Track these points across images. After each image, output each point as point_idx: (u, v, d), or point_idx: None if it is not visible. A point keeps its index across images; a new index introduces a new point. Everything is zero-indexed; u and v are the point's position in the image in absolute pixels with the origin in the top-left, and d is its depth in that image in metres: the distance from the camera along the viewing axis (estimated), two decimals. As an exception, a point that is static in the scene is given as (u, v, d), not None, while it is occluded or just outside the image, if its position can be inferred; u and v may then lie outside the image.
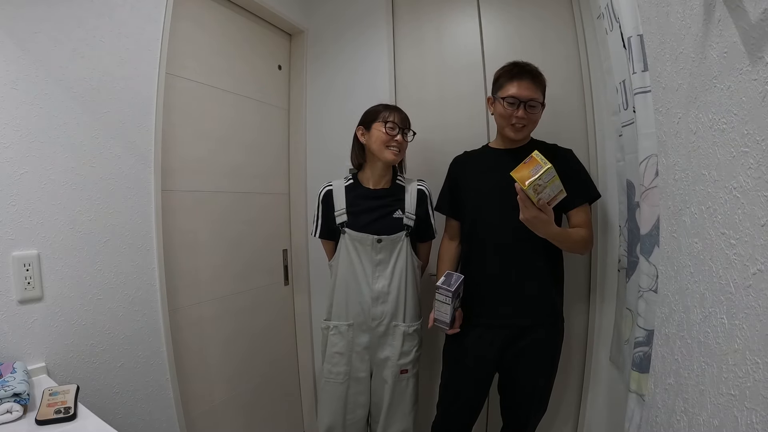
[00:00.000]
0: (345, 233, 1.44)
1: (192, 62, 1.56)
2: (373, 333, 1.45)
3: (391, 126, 1.43)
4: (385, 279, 1.44)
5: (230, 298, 1.72)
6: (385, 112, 1.46)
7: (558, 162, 1.33)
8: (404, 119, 1.48)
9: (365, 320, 1.45)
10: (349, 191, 1.49)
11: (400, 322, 1.45)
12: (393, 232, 1.44)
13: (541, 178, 1.11)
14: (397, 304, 1.45)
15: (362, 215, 1.45)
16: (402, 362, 1.45)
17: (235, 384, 1.72)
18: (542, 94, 1.36)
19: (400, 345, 1.45)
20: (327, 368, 1.47)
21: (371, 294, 1.44)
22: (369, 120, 1.48)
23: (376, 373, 1.48)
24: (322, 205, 1.51)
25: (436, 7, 1.88)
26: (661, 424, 0.77)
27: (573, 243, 1.32)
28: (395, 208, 1.47)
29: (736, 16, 0.52)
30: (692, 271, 0.67)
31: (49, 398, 0.89)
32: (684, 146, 0.69)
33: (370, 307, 1.44)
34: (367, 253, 1.44)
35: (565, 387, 1.71)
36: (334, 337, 1.46)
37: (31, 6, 1.05)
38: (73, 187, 1.14)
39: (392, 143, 1.43)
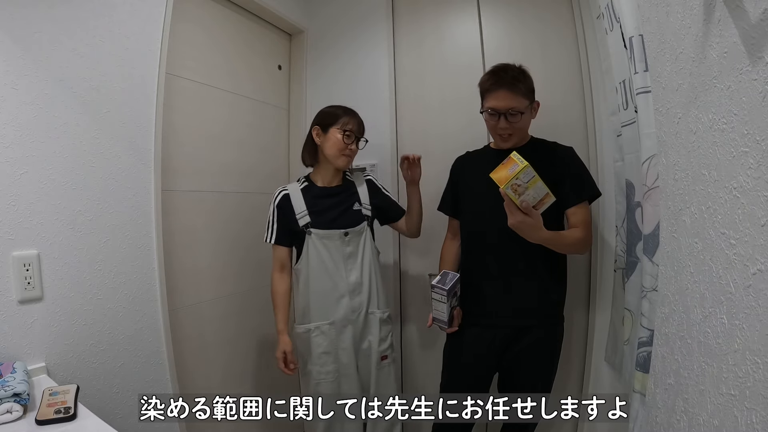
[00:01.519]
0: (311, 234, 1.43)
1: (192, 62, 1.56)
2: (355, 325, 1.46)
3: (349, 134, 1.44)
4: (357, 270, 1.47)
5: (230, 298, 1.72)
6: (345, 118, 1.46)
7: (557, 160, 1.33)
8: (361, 127, 1.49)
9: (346, 314, 1.45)
10: (306, 193, 1.48)
11: (375, 309, 1.50)
12: (356, 224, 1.48)
13: (518, 178, 1.10)
14: (370, 293, 1.49)
15: (324, 213, 1.45)
16: (381, 348, 1.49)
17: (236, 384, 1.72)
18: (525, 97, 1.31)
19: (378, 332, 1.49)
20: (316, 370, 1.45)
21: (348, 287, 1.45)
22: (327, 123, 1.47)
23: (360, 364, 1.49)
24: (278, 210, 1.47)
25: (436, 8, 1.88)
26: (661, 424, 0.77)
27: (568, 246, 1.31)
28: (353, 201, 1.50)
29: (736, 16, 0.52)
30: (692, 271, 0.67)
31: (49, 398, 0.89)
32: (684, 146, 0.69)
33: (349, 301, 1.45)
34: (337, 248, 1.45)
35: (565, 387, 1.71)
36: (318, 338, 1.45)
37: (31, 6, 1.05)
38: (73, 187, 1.14)
39: (347, 151, 1.45)
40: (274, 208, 1.47)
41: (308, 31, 2.09)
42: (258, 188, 1.88)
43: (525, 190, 1.13)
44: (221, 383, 1.66)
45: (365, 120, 1.60)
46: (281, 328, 1.47)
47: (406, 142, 1.91)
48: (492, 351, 1.38)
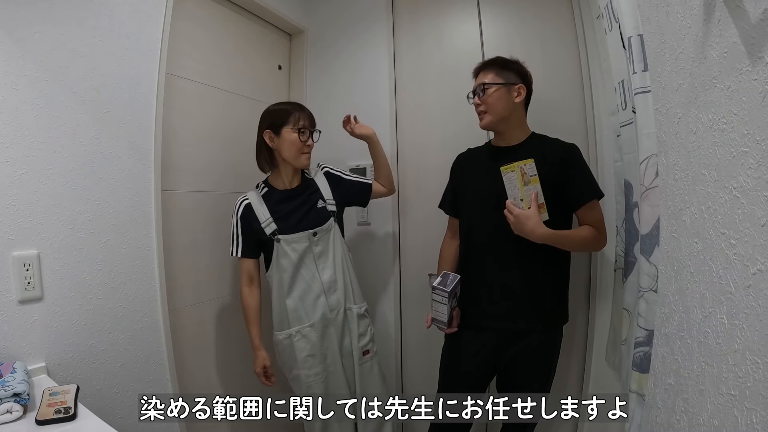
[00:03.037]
0: (279, 240, 1.41)
1: (192, 62, 1.56)
2: (334, 324, 1.45)
3: (303, 131, 1.41)
4: (330, 268, 1.45)
5: (230, 298, 1.72)
6: (295, 114, 1.41)
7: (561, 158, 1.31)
8: (312, 119, 1.46)
9: (325, 313, 1.44)
10: (267, 199, 1.44)
11: (352, 305, 1.49)
12: (323, 222, 1.45)
13: (526, 165, 1.18)
14: (345, 289, 1.48)
15: (289, 217, 1.42)
16: (362, 344, 1.49)
17: (236, 384, 1.72)
18: (499, 75, 1.34)
19: (357, 327, 1.49)
20: (304, 374, 1.42)
21: (323, 286, 1.44)
22: (278, 124, 1.41)
23: (345, 362, 1.48)
24: (241, 221, 1.42)
25: (436, 7, 1.88)
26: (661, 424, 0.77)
27: (577, 244, 1.30)
28: (315, 199, 1.48)
29: (736, 16, 0.52)
30: (692, 271, 0.67)
31: (49, 398, 0.89)
32: (684, 146, 0.69)
33: (326, 300, 1.44)
34: (306, 249, 1.42)
35: (565, 387, 1.71)
36: (300, 342, 1.42)
37: (31, 6, 1.05)
38: (73, 187, 1.14)
39: (305, 149, 1.42)
40: (237, 220, 1.42)
41: (308, 31, 2.09)
42: (258, 188, 1.87)
43: (529, 181, 1.19)
44: (221, 383, 1.66)
45: (365, 120, 1.60)
46: (257, 343, 1.45)
47: (406, 141, 1.91)
48: (486, 352, 1.37)
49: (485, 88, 1.33)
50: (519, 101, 1.35)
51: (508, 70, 1.35)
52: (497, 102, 1.34)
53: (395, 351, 1.92)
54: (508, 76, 1.34)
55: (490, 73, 1.35)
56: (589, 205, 1.30)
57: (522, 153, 1.31)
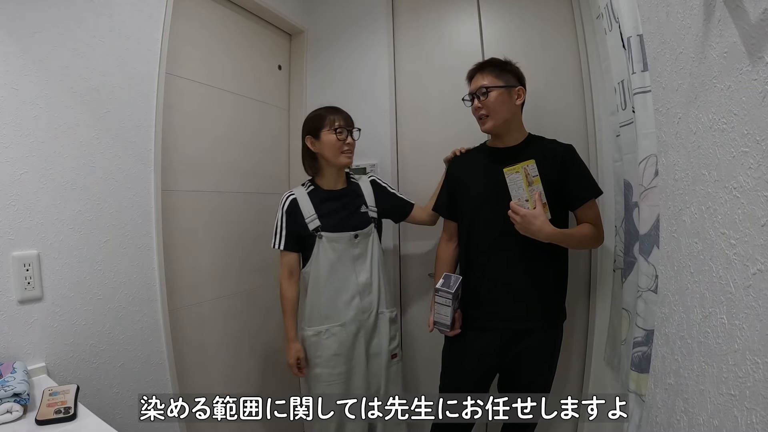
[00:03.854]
0: (321, 237, 1.44)
1: (192, 62, 1.56)
2: (365, 325, 1.48)
3: (340, 130, 1.45)
4: (367, 271, 1.49)
5: (230, 298, 1.72)
6: (330, 117, 1.46)
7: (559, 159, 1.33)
8: (349, 119, 1.50)
9: (357, 315, 1.46)
10: (313, 197, 1.48)
11: (384, 309, 1.52)
12: (364, 226, 1.49)
13: (528, 166, 1.20)
14: (379, 293, 1.51)
15: (333, 216, 1.46)
16: (392, 347, 1.53)
17: (235, 384, 1.72)
18: (497, 78, 1.34)
19: (388, 331, 1.51)
20: (326, 372, 1.45)
21: (358, 288, 1.47)
22: (315, 128, 1.47)
23: (370, 363, 1.50)
24: (286, 215, 1.46)
25: (436, 7, 1.88)
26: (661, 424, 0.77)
27: (579, 240, 1.33)
28: (359, 203, 1.52)
29: (736, 16, 0.52)
30: (692, 271, 0.67)
31: (49, 398, 0.89)
32: (684, 146, 0.69)
33: (359, 302, 1.47)
34: (346, 250, 1.46)
35: (565, 387, 1.71)
36: (329, 341, 1.44)
37: (31, 6, 1.05)
38: (73, 187, 1.14)
39: (345, 147, 1.46)
40: (283, 214, 1.47)
41: (308, 31, 2.09)
42: (258, 188, 1.88)
43: (533, 182, 1.21)
44: (221, 383, 1.66)
45: (365, 120, 1.61)
46: (292, 335, 1.48)
47: (406, 141, 1.91)
48: (491, 353, 1.37)
49: (487, 92, 1.33)
50: (519, 103, 1.36)
51: (507, 72, 1.35)
52: (500, 105, 1.34)
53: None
54: (507, 78, 1.35)
55: (488, 76, 1.35)
56: (588, 204, 1.33)
57: (521, 154, 1.32)
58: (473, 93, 1.37)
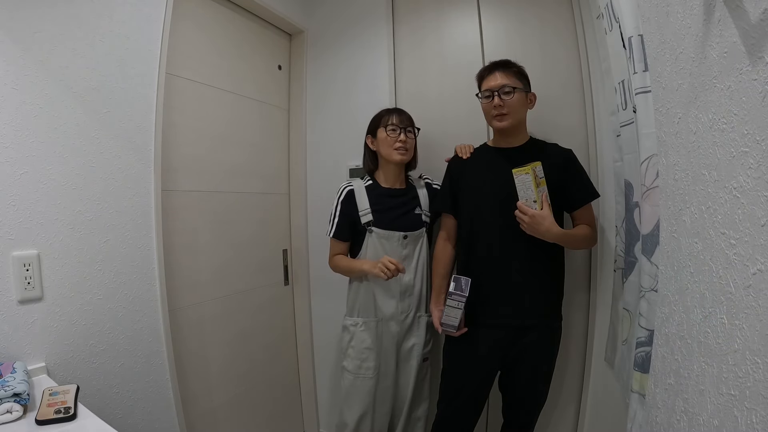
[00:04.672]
0: (372, 232, 1.49)
1: (192, 62, 1.56)
2: (401, 326, 1.51)
3: (392, 128, 1.51)
4: (410, 273, 1.52)
5: (230, 298, 1.72)
6: (386, 116, 1.53)
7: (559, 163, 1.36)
8: (404, 119, 1.54)
9: (395, 314, 1.50)
10: (371, 191, 1.54)
11: (423, 313, 1.55)
12: (416, 228, 1.53)
13: (536, 167, 1.23)
14: (420, 297, 1.54)
15: (386, 213, 1.51)
16: (426, 350, 1.56)
17: (235, 384, 1.72)
18: (518, 80, 1.37)
19: (425, 334, 1.54)
20: (356, 364, 1.51)
21: (400, 288, 1.50)
22: (374, 127, 1.56)
23: (401, 364, 1.54)
24: (341, 204, 1.53)
25: (436, 7, 1.88)
26: (661, 424, 0.77)
27: (579, 241, 1.38)
28: (414, 205, 1.56)
29: (736, 16, 0.52)
30: (692, 271, 0.67)
31: (49, 398, 0.89)
32: (684, 146, 0.69)
33: (399, 301, 1.50)
34: (394, 249, 1.50)
35: (565, 387, 1.71)
36: (363, 333, 1.50)
37: (31, 6, 1.05)
38: (73, 187, 1.14)
39: (397, 144, 1.50)
40: (338, 203, 1.53)
41: (308, 31, 2.09)
42: (258, 188, 1.88)
43: (540, 183, 1.25)
44: (221, 383, 1.66)
45: (365, 120, 1.61)
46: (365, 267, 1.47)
47: (406, 142, 1.91)
48: (496, 351, 1.39)
49: (513, 91, 1.34)
50: (531, 108, 1.42)
51: (524, 77, 1.40)
52: (521, 107, 1.38)
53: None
54: (525, 82, 1.39)
55: (510, 76, 1.37)
56: (586, 206, 1.39)
57: (525, 155, 1.34)
58: (494, 90, 1.36)
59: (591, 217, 1.41)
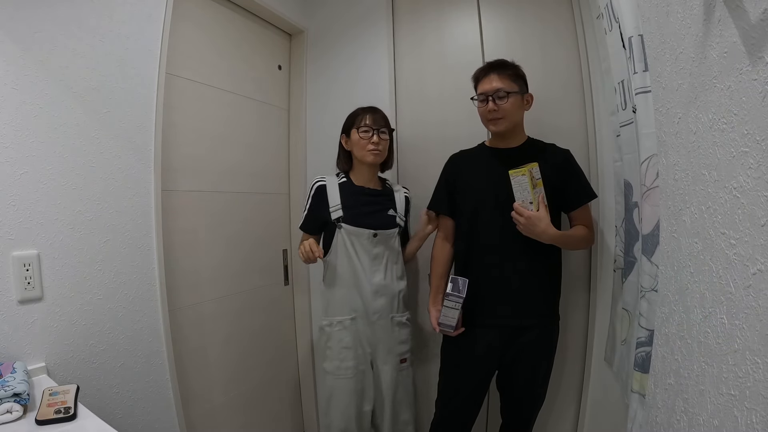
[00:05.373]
0: (341, 228, 1.47)
1: (192, 62, 1.56)
2: (374, 326, 1.49)
3: (365, 129, 1.48)
4: (381, 273, 1.50)
5: (230, 298, 1.72)
6: (360, 116, 1.51)
7: (557, 163, 1.35)
8: (378, 119, 1.51)
9: (366, 314, 1.48)
10: (343, 188, 1.52)
11: (396, 313, 1.52)
12: (387, 227, 1.51)
13: (533, 168, 1.23)
14: (392, 297, 1.51)
15: (357, 210, 1.49)
16: (401, 350, 1.53)
17: (235, 384, 1.72)
18: (513, 82, 1.36)
19: (398, 335, 1.52)
20: (335, 364, 1.49)
21: (371, 288, 1.48)
22: (347, 127, 1.54)
23: (377, 366, 1.51)
24: (312, 198, 1.52)
25: (436, 7, 1.88)
26: (661, 424, 0.77)
27: (577, 242, 1.38)
28: (388, 206, 1.54)
29: (736, 16, 0.52)
30: (692, 271, 0.67)
31: (49, 398, 0.89)
32: (684, 146, 0.69)
33: (370, 301, 1.48)
34: (364, 247, 1.47)
35: (565, 387, 1.71)
36: (340, 333, 1.48)
37: (31, 6, 1.05)
38: (73, 187, 1.14)
39: (369, 146, 1.48)
40: (310, 197, 1.52)
41: (308, 31, 2.09)
42: (258, 188, 1.88)
43: (537, 184, 1.25)
44: (221, 383, 1.66)
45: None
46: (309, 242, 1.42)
47: (407, 141, 1.91)
48: (491, 350, 1.39)
49: (507, 96, 1.34)
50: (528, 109, 1.41)
51: (519, 78, 1.38)
52: (516, 110, 1.37)
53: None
54: (520, 84, 1.38)
55: (505, 79, 1.35)
56: (583, 207, 1.39)
57: (522, 156, 1.34)
58: (489, 94, 1.35)
59: (588, 218, 1.41)
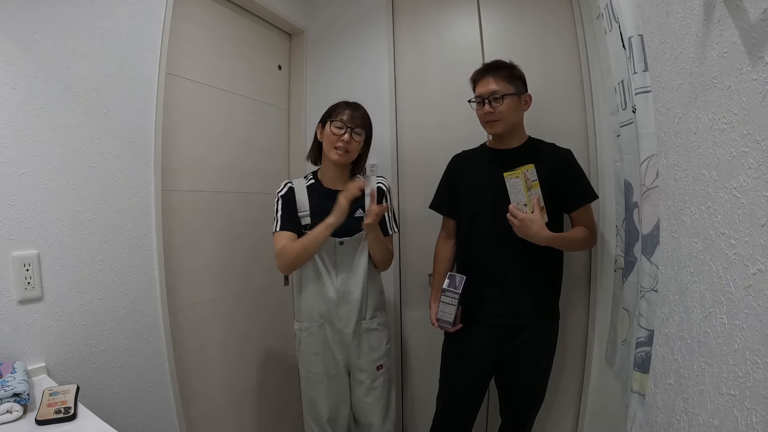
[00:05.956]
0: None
1: (192, 62, 1.56)
2: (342, 333, 1.42)
3: (338, 125, 1.36)
4: (347, 279, 1.41)
5: (230, 298, 1.72)
6: (339, 109, 1.40)
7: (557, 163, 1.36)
8: (355, 117, 1.39)
9: (332, 320, 1.42)
10: (311, 192, 1.43)
11: (365, 319, 1.44)
12: (355, 232, 1.40)
13: (528, 171, 1.23)
14: (360, 303, 1.42)
15: (323, 217, 1.35)
16: (374, 357, 1.44)
17: (235, 384, 1.72)
18: (509, 84, 1.34)
19: (368, 342, 1.44)
20: (305, 368, 1.45)
21: (336, 294, 1.41)
22: (325, 117, 1.42)
23: (353, 371, 1.45)
24: (283, 198, 1.41)
25: (436, 7, 1.88)
26: (661, 424, 0.77)
27: (574, 243, 1.37)
28: (355, 207, 1.39)
29: (736, 16, 0.52)
30: (692, 271, 0.67)
31: (49, 398, 0.89)
32: (684, 146, 0.69)
33: (336, 308, 1.41)
34: (330, 253, 1.40)
35: (565, 386, 1.71)
36: (308, 338, 1.43)
37: (31, 6, 1.05)
38: (73, 187, 1.14)
39: (338, 143, 1.36)
40: (279, 199, 1.42)
41: (308, 31, 2.09)
42: (258, 188, 1.88)
43: (531, 186, 1.25)
44: (221, 383, 1.66)
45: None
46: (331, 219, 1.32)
47: (407, 142, 1.91)
48: (491, 348, 1.40)
49: (502, 98, 1.32)
50: (526, 109, 1.40)
51: (516, 78, 1.36)
52: (513, 112, 1.35)
53: (395, 352, 1.92)
54: (517, 84, 1.36)
55: (501, 81, 1.34)
56: (584, 208, 1.38)
57: (522, 156, 1.35)
58: (485, 97, 1.34)
59: (589, 219, 1.40)
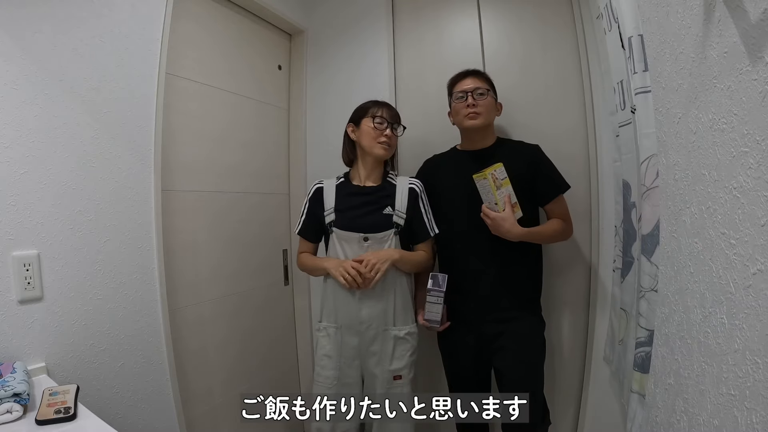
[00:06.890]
0: (333, 232, 1.41)
1: (192, 62, 1.56)
2: (362, 337, 1.37)
3: (379, 121, 1.43)
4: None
5: (230, 298, 1.72)
6: (374, 108, 1.46)
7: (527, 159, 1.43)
8: (393, 114, 1.48)
9: (352, 323, 1.37)
10: (339, 190, 1.46)
11: (390, 326, 1.38)
12: (381, 229, 1.38)
13: (496, 170, 1.27)
14: (385, 307, 1.37)
15: (348, 212, 1.40)
16: (394, 368, 1.36)
17: (235, 384, 1.72)
18: (489, 86, 1.45)
19: (391, 350, 1.37)
20: (317, 371, 1.43)
21: (358, 295, 1.36)
22: (358, 116, 1.47)
23: (367, 382, 1.40)
24: (310, 202, 1.47)
25: (436, 7, 1.88)
26: (661, 423, 0.77)
27: (549, 236, 1.42)
28: (384, 204, 1.40)
29: (736, 16, 0.52)
30: (692, 271, 0.67)
31: (49, 398, 0.89)
32: (684, 146, 0.69)
33: (357, 310, 1.36)
34: (354, 252, 1.37)
35: (564, 387, 1.71)
36: (323, 339, 1.42)
37: (31, 6, 1.05)
38: (73, 187, 1.14)
39: (381, 138, 1.42)
40: (307, 201, 1.49)
41: (308, 30, 2.09)
42: (258, 188, 1.88)
43: (501, 185, 1.30)
44: (221, 383, 1.66)
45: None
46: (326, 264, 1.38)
47: (407, 141, 1.91)
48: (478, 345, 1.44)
49: (486, 93, 1.42)
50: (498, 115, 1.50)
51: (492, 85, 1.48)
52: (491, 109, 1.45)
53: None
54: (490, 85, 1.47)
55: (482, 82, 1.45)
56: (556, 200, 1.43)
57: (492, 155, 1.40)
58: (468, 91, 1.43)
59: (563, 211, 1.44)
